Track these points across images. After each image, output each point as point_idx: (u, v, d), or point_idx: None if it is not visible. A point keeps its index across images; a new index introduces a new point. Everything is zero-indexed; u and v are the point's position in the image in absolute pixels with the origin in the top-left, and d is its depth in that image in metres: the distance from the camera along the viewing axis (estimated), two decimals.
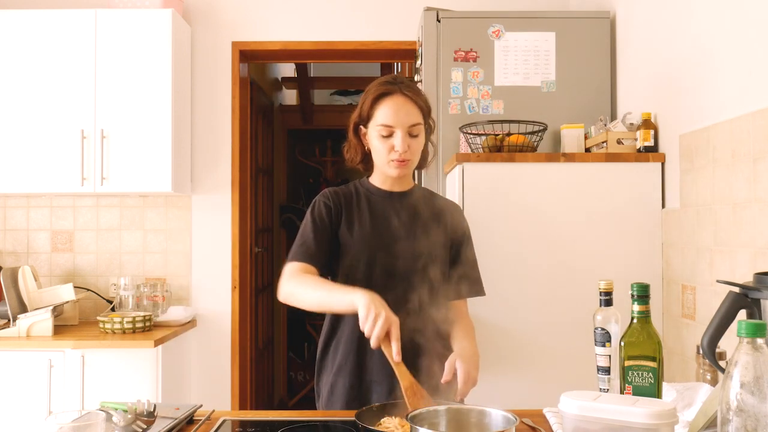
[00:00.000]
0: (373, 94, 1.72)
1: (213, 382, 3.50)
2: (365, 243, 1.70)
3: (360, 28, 3.54)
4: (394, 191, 1.79)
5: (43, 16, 3.18)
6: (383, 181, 1.80)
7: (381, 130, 1.69)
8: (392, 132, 1.69)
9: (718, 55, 1.98)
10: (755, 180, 1.76)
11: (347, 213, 1.75)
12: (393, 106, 1.69)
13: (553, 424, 1.42)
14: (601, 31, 2.83)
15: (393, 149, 1.69)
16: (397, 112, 1.68)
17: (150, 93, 3.17)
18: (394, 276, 1.69)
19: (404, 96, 1.70)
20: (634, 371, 1.28)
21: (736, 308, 1.27)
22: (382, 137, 1.70)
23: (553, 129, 2.71)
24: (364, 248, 1.70)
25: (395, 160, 1.70)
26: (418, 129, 1.70)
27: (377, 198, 1.78)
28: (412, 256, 1.70)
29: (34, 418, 2.81)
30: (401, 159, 1.69)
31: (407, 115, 1.68)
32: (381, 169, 1.76)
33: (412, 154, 1.71)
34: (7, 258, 3.50)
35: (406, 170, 1.73)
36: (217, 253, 3.52)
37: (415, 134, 1.70)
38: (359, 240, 1.70)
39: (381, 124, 1.69)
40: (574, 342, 2.26)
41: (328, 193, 1.81)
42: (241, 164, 3.58)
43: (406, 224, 1.73)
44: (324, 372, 1.76)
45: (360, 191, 1.81)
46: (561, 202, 2.36)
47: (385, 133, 1.69)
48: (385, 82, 1.73)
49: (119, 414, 1.33)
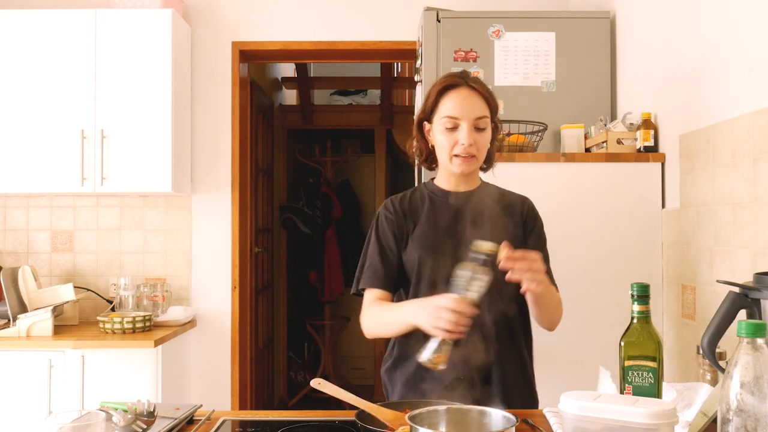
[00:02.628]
0: (438, 87, 1.67)
1: (213, 382, 3.50)
2: (430, 250, 1.65)
3: (360, 28, 3.54)
4: (459, 191, 1.72)
5: (43, 16, 3.18)
6: (448, 180, 1.73)
7: (446, 122, 1.63)
8: (457, 124, 1.62)
9: (718, 55, 1.98)
10: (755, 180, 1.76)
11: (412, 221, 1.70)
12: (458, 98, 1.63)
13: (553, 424, 1.42)
14: (601, 31, 2.83)
15: (457, 143, 1.63)
16: (462, 104, 1.62)
17: (150, 93, 3.17)
18: None
19: (470, 88, 1.64)
20: (634, 371, 1.28)
21: (736, 308, 1.27)
22: (447, 130, 1.63)
23: (553, 129, 2.71)
24: (429, 255, 1.65)
25: (459, 154, 1.63)
26: (485, 122, 1.64)
27: (443, 200, 1.71)
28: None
29: (34, 418, 2.81)
30: (466, 154, 1.63)
31: (473, 107, 1.63)
32: (445, 165, 1.70)
33: (478, 149, 1.64)
34: (7, 258, 3.50)
35: (471, 167, 1.66)
36: (217, 253, 3.52)
37: (482, 128, 1.64)
38: (424, 247, 1.66)
39: (446, 116, 1.63)
40: (575, 342, 2.26)
41: (390, 206, 1.74)
42: (241, 164, 3.58)
43: (475, 225, 1.66)
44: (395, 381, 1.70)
45: (425, 194, 1.74)
46: (561, 202, 2.36)
47: (449, 125, 1.63)
48: (451, 75, 1.68)
49: (119, 414, 1.33)
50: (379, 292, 1.68)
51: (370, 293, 1.69)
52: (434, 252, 1.65)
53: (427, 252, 1.65)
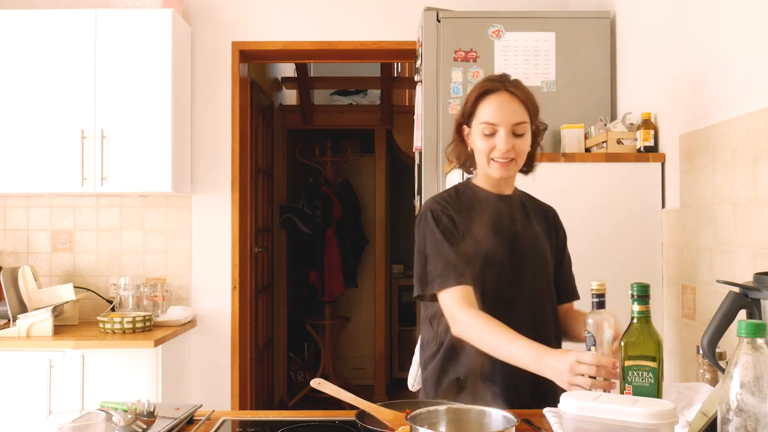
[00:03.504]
0: (476, 92, 1.67)
1: (213, 382, 3.50)
2: (491, 250, 1.62)
3: (360, 28, 3.54)
4: (505, 194, 1.72)
5: (43, 16, 3.18)
6: (488, 182, 1.72)
7: (484, 128, 1.63)
8: (495, 130, 1.62)
9: (719, 55, 1.98)
10: (755, 180, 1.76)
11: (467, 218, 1.67)
12: (496, 104, 1.63)
13: (553, 424, 1.42)
14: (601, 31, 2.83)
15: (495, 148, 1.62)
16: (500, 110, 1.62)
17: (150, 93, 3.16)
18: (521, 282, 1.64)
19: (509, 93, 1.63)
20: (634, 371, 1.28)
21: (736, 308, 1.27)
22: (485, 136, 1.63)
23: (553, 129, 2.71)
24: (491, 255, 1.62)
25: (497, 160, 1.63)
26: (523, 128, 1.63)
27: (492, 201, 1.70)
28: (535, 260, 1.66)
29: (34, 418, 2.81)
30: (504, 159, 1.62)
31: (512, 113, 1.62)
32: (483, 170, 1.69)
33: (517, 154, 1.63)
34: (7, 258, 3.50)
35: (509, 171, 1.66)
36: (217, 253, 3.52)
37: (520, 133, 1.63)
38: (485, 247, 1.62)
39: (484, 121, 1.63)
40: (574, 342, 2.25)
41: (441, 201, 1.71)
42: (241, 164, 3.58)
43: (524, 228, 1.68)
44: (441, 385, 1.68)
45: (469, 194, 1.72)
46: (561, 202, 2.35)
47: (488, 131, 1.63)
48: (490, 79, 1.68)
49: (119, 414, 1.33)
50: (464, 288, 1.58)
51: (455, 292, 1.58)
52: (497, 254, 1.63)
53: (490, 254, 1.62)
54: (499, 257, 1.64)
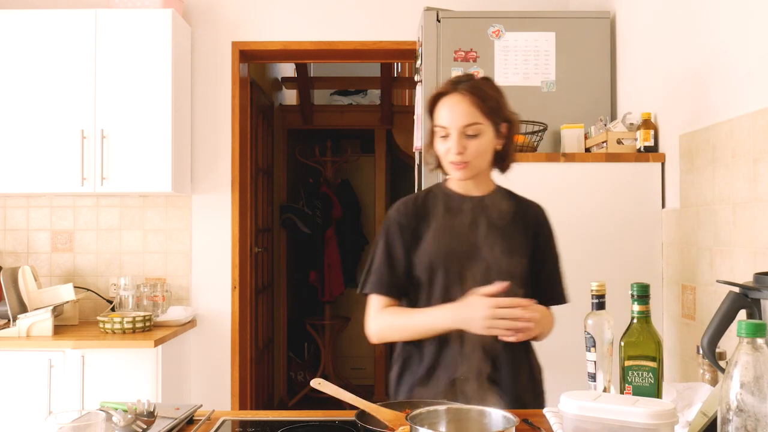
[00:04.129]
0: (432, 95, 1.68)
1: (213, 382, 3.50)
2: (443, 253, 1.64)
3: (360, 28, 3.54)
4: (472, 195, 1.71)
5: (43, 16, 3.18)
6: (458, 184, 1.73)
7: (438, 131, 1.65)
8: (448, 133, 1.63)
9: (719, 55, 1.98)
10: (755, 180, 1.76)
11: (425, 224, 1.68)
12: (447, 107, 1.64)
13: (553, 424, 1.42)
14: (601, 31, 2.83)
15: (449, 151, 1.64)
16: (450, 112, 1.63)
17: (150, 93, 3.16)
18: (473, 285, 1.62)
19: (460, 95, 1.63)
20: (634, 371, 1.28)
21: (736, 308, 1.27)
22: (441, 138, 1.65)
23: (553, 129, 2.71)
24: (442, 259, 1.64)
25: (453, 162, 1.64)
26: (476, 129, 1.62)
27: (456, 203, 1.71)
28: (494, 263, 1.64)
29: (34, 418, 2.81)
30: (458, 161, 1.63)
31: (461, 115, 1.62)
32: (447, 171, 1.71)
33: (471, 156, 1.63)
34: (7, 258, 3.50)
35: (466, 173, 1.66)
36: (217, 253, 3.52)
37: (473, 134, 1.63)
38: (436, 251, 1.65)
39: (437, 125, 1.65)
40: (575, 342, 2.25)
41: (402, 208, 1.73)
42: (241, 164, 3.58)
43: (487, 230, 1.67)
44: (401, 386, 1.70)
45: (438, 196, 1.73)
46: (561, 202, 2.35)
47: (442, 134, 1.64)
48: (448, 81, 1.68)
49: (119, 414, 1.33)
50: (384, 299, 1.68)
51: (376, 299, 1.69)
52: (448, 255, 1.64)
53: (441, 255, 1.64)
54: (449, 261, 1.64)
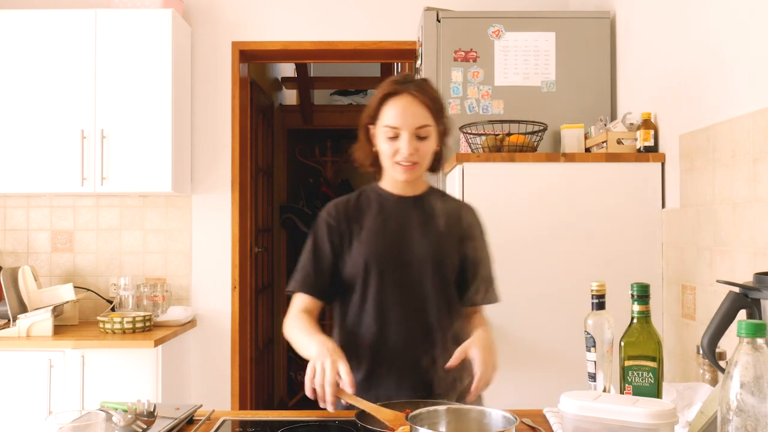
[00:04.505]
0: (380, 93, 1.66)
1: (213, 382, 3.50)
2: (376, 255, 1.64)
3: (360, 28, 3.54)
4: (406, 195, 1.72)
5: (43, 16, 3.18)
6: (394, 185, 1.72)
7: (387, 131, 1.63)
8: (398, 134, 1.62)
9: (719, 55, 1.98)
10: (755, 180, 1.76)
11: (357, 226, 1.68)
12: (399, 107, 1.62)
13: (553, 424, 1.42)
14: (601, 31, 2.83)
15: (398, 152, 1.63)
16: (403, 113, 1.62)
17: (150, 93, 3.17)
18: (407, 287, 1.64)
19: (412, 96, 1.63)
20: (634, 371, 1.28)
21: (736, 308, 1.27)
22: (389, 139, 1.63)
23: (553, 129, 2.71)
24: (375, 260, 1.64)
25: (401, 163, 1.64)
26: (426, 131, 1.63)
27: (390, 204, 1.71)
28: (428, 264, 1.64)
29: (34, 418, 2.81)
30: (407, 162, 1.63)
31: (414, 116, 1.62)
32: (388, 172, 1.70)
33: (420, 157, 1.64)
34: (7, 258, 3.50)
35: (412, 174, 1.66)
36: (217, 253, 3.52)
37: (423, 136, 1.63)
38: (369, 252, 1.64)
39: (387, 125, 1.63)
40: (574, 342, 2.25)
41: (332, 209, 1.72)
42: (241, 164, 3.58)
43: (421, 230, 1.67)
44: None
45: (371, 197, 1.73)
46: (561, 202, 2.36)
47: (391, 134, 1.63)
48: (394, 81, 1.67)
49: (119, 414, 1.33)
50: (307, 298, 1.66)
51: (298, 298, 1.67)
52: (382, 256, 1.64)
53: (375, 256, 1.64)
54: (382, 262, 1.64)
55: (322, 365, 1.40)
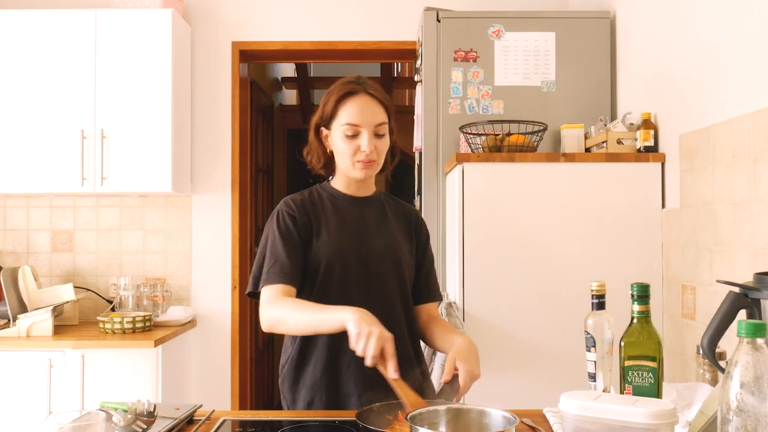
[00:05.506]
0: (336, 94, 1.68)
1: (213, 382, 3.50)
2: (338, 251, 1.64)
3: (360, 28, 3.54)
4: (359, 196, 1.74)
5: (43, 16, 3.18)
6: (347, 185, 1.73)
7: (346, 129, 1.64)
8: (358, 132, 1.64)
9: (718, 55, 1.98)
10: (755, 180, 1.76)
11: (315, 221, 1.68)
12: (358, 106, 1.65)
13: (553, 424, 1.42)
14: (601, 31, 2.83)
15: (359, 150, 1.64)
16: (363, 112, 1.64)
17: (150, 93, 3.17)
18: (370, 283, 1.65)
19: (369, 95, 1.66)
20: (634, 371, 1.28)
21: (736, 308, 1.27)
22: (348, 137, 1.65)
23: (553, 129, 2.71)
24: (338, 257, 1.64)
25: (361, 161, 1.65)
26: (384, 129, 1.67)
27: (344, 203, 1.72)
28: (387, 261, 1.67)
29: (34, 418, 2.81)
30: (367, 160, 1.65)
31: (373, 114, 1.65)
32: (345, 171, 1.70)
33: (378, 154, 1.66)
34: (7, 258, 3.50)
35: (371, 172, 1.68)
36: (217, 253, 3.53)
37: (381, 134, 1.66)
38: (332, 249, 1.64)
39: (346, 123, 1.64)
40: (574, 342, 2.25)
41: (291, 203, 1.71)
42: (241, 164, 3.59)
43: (377, 230, 1.70)
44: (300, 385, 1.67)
45: (324, 197, 1.74)
46: (561, 202, 2.36)
47: (350, 132, 1.64)
48: (349, 81, 1.69)
49: (119, 414, 1.33)
50: (285, 287, 1.61)
51: (274, 288, 1.60)
52: (344, 255, 1.65)
53: (336, 255, 1.64)
54: (345, 259, 1.65)
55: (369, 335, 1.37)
